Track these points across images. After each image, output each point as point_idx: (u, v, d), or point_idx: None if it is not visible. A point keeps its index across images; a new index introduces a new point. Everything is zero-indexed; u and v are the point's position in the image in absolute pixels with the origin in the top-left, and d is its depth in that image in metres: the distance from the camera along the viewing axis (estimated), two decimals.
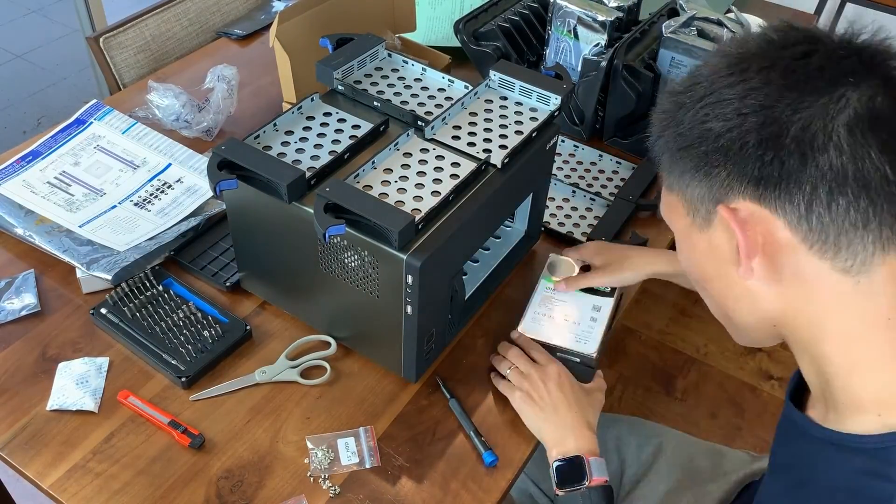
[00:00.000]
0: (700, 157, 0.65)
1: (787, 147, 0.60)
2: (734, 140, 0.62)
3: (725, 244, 0.67)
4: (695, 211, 0.68)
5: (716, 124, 0.63)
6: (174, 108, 1.37)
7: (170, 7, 1.71)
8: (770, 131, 0.60)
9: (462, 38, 1.46)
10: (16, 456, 0.92)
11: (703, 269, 0.72)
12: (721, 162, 0.63)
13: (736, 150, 0.62)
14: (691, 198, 0.68)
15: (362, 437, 0.96)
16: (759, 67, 0.63)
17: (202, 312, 1.07)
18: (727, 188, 0.64)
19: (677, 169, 0.68)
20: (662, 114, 0.70)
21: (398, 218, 0.85)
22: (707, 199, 0.66)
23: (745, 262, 0.65)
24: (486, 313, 1.13)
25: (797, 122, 0.59)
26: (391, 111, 1.04)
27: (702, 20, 1.40)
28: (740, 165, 0.62)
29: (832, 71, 0.61)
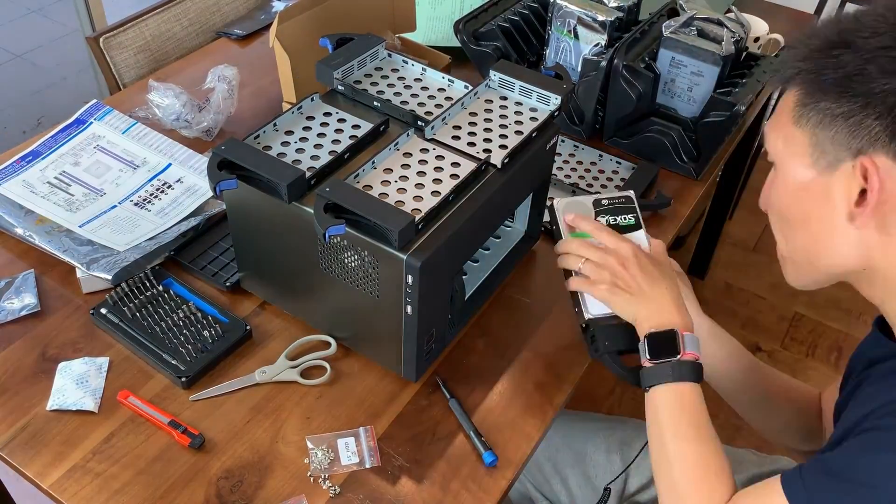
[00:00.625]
0: (858, 105, 0.67)
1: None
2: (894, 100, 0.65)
3: (842, 192, 0.70)
4: (821, 153, 0.71)
5: (888, 81, 0.66)
6: (174, 108, 1.37)
7: (170, 7, 1.71)
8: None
9: (462, 38, 1.46)
10: (16, 456, 0.92)
11: (804, 211, 0.75)
12: (882, 115, 0.66)
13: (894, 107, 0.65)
14: (824, 139, 0.70)
15: (362, 437, 0.96)
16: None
17: (202, 312, 1.07)
18: (873, 141, 0.67)
19: (818, 108, 0.70)
20: (820, 43, 0.71)
21: (398, 218, 0.85)
22: (845, 146, 0.69)
23: (868, 213, 0.69)
24: (486, 313, 1.13)
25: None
26: (391, 111, 1.04)
27: (702, 20, 1.40)
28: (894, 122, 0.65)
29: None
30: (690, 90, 1.39)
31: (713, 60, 1.33)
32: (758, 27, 1.65)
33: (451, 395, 1.00)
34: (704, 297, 2.34)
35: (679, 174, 1.39)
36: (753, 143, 2.13)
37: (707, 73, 1.35)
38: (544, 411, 1.01)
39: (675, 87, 1.40)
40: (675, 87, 1.40)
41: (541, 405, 1.01)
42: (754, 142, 2.10)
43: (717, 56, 1.33)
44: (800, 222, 0.76)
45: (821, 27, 0.73)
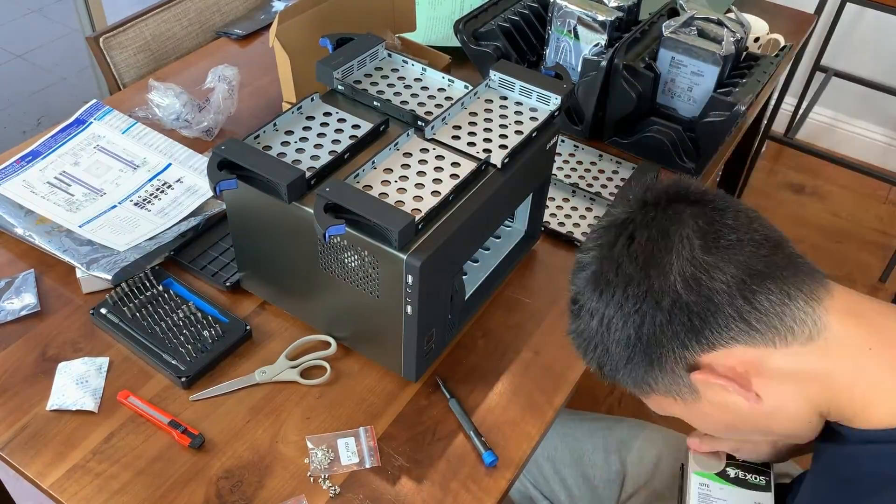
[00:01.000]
0: (642, 360, 0.72)
1: (692, 300, 0.68)
2: (653, 329, 0.69)
3: (721, 395, 0.72)
4: (678, 393, 0.74)
5: (627, 331, 0.71)
6: (174, 108, 1.37)
7: (170, 7, 1.71)
8: (667, 301, 0.68)
9: (462, 38, 1.46)
10: (16, 456, 0.92)
11: (726, 424, 0.76)
12: (659, 349, 0.70)
13: (659, 334, 0.69)
14: (666, 388, 0.73)
15: (362, 437, 0.96)
16: (615, 272, 0.71)
17: (202, 312, 1.07)
18: (681, 361, 0.70)
19: (636, 379, 0.74)
20: (587, 355, 0.77)
21: (398, 218, 0.85)
22: (677, 381, 0.72)
23: (748, 395, 0.70)
24: (486, 313, 1.13)
25: (678, 284, 0.68)
26: (391, 111, 1.04)
27: (702, 20, 1.40)
28: (675, 340, 0.69)
29: (655, 241, 0.70)
30: (690, 90, 1.39)
31: (713, 60, 1.33)
32: (758, 27, 1.65)
33: (451, 394, 1.00)
34: None
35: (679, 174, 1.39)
36: (753, 143, 2.13)
37: (707, 73, 1.35)
38: (544, 411, 1.01)
39: (675, 87, 1.40)
40: (675, 87, 1.40)
41: (541, 405, 1.01)
42: (754, 142, 2.10)
43: (717, 56, 1.33)
44: (732, 428, 0.78)
45: (573, 340, 0.79)
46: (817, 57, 2.61)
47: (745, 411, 0.72)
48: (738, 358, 0.69)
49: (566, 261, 1.22)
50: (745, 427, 0.76)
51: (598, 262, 0.72)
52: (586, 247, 0.75)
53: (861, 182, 2.72)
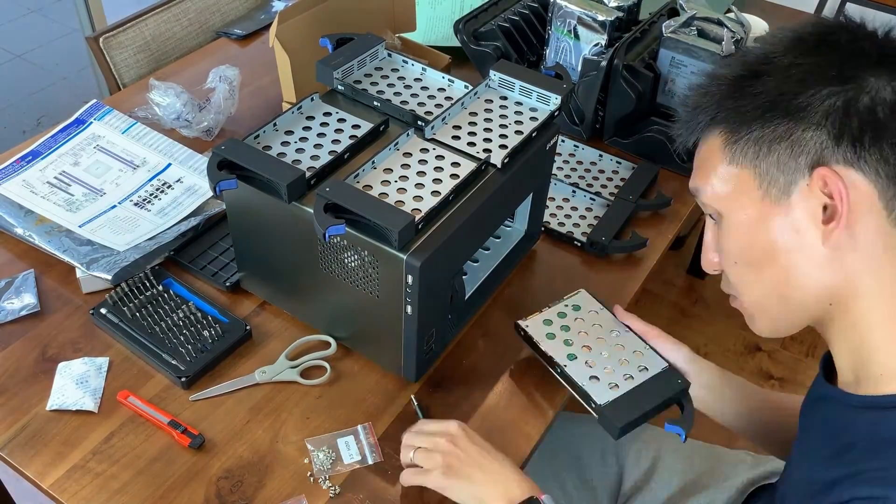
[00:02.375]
0: (792, 122, 0.66)
1: (884, 111, 0.64)
2: (836, 104, 0.65)
3: (806, 214, 0.68)
4: (770, 182, 0.69)
5: (815, 90, 0.66)
6: (175, 107, 1.37)
7: (170, 7, 1.71)
8: (869, 98, 0.64)
9: (462, 37, 1.46)
10: (16, 456, 0.91)
11: (768, 247, 0.71)
12: (819, 124, 0.65)
13: (838, 112, 0.64)
14: (769, 166, 0.68)
15: (361, 435, 0.96)
16: (845, 42, 0.68)
17: (202, 312, 1.06)
18: (821, 151, 0.65)
19: (751, 138, 0.69)
20: (728, 84, 0.71)
21: (398, 218, 0.85)
22: (793, 166, 0.67)
23: (839, 228, 0.66)
24: (486, 313, 1.13)
25: (887, 92, 0.64)
26: (391, 111, 1.04)
27: (702, 20, 1.40)
28: (840, 127, 0.64)
29: (888, 56, 0.67)
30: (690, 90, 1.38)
31: (713, 60, 1.33)
32: (758, 27, 1.65)
33: (423, 415, 0.98)
34: (704, 297, 2.34)
35: (679, 174, 1.39)
36: None
37: None
38: (544, 412, 1.01)
39: (675, 86, 1.40)
40: (675, 87, 1.40)
41: (541, 405, 1.01)
42: None
43: (717, 56, 1.33)
44: (765, 260, 0.72)
45: (721, 72, 0.73)
46: None
47: (802, 250, 0.69)
48: (859, 193, 0.65)
49: (566, 261, 1.22)
50: (775, 265, 0.72)
51: (836, 26, 0.69)
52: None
53: None
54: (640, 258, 1.24)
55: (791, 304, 0.74)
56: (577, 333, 1.01)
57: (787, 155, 0.67)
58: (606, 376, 0.95)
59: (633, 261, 1.23)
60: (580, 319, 1.03)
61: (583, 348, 0.99)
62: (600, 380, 0.95)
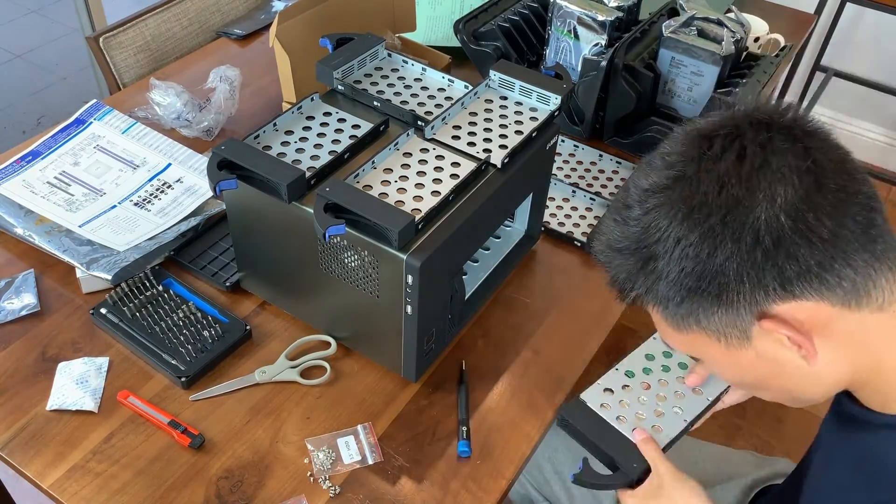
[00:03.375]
0: (714, 291, 0.64)
1: (793, 240, 0.61)
2: (741, 265, 0.62)
3: (774, 348, 0.67)
4: (725, 336, 0.68)
5: (712, 257, 0.63)
6: (175, 107, 1.37)
7: (170, 7, 1.71)
8: (771, 238, 0.61)
9: (462, 37, 1.46)
10: (16, 456, 0.91)
11: (757, 377, 0.73)
12: (738, 280, 0.63)
13: (747, 270, 0.62)
14: (717, 328, 0.67)
15: (361, 435, 0.96)
16: (702, 179, 0.63)
17: (202, 312, 1.06)
18: (755, 303, 0.64)
19: (683, 312, 0.67)
20: (628, 271, 0.68)
21: (398, 218, 0.85)
22: (738, 321, 0.66)
23: (808, 353, 0.66)
24: (486, 313, 1.13)
25: (783, 217, 0.61)
26: (391, 111, 1.04)
27: (702, 20, 1.40)
28: (758, 280, 0.63)
29: (766, 165, 0.62)
30: (690, 90, 1.39)
31: (713, 60, 1.33)
32: (758, 27, 1.65)
33: (463, 381, 1.00)
34: None
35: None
36: None
37: (707, 73, 1.35)
38: (544, 411, 1.01)
39: (675, 87, 1.40)
40: (675, 87, 1.40)
41: (541, 405, 1.01)
42: None
43: (717, 56, 1.33)
44: (763, 382, 0.74)
45: (614, 238, 0.69)
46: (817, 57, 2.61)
47: (789, 369, 0.68)
48: (809, 313, 0.64)
49: (566, 261, 1.22)
50: (774, 384, 0.73)
51: (695, 176, 0.63)
52: (670, 151, 0.66)
53: None
54: None
55: (807, 399, 0.74)
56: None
57: (728, 314, 0.65)
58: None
59: None
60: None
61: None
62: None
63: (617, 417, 0.91)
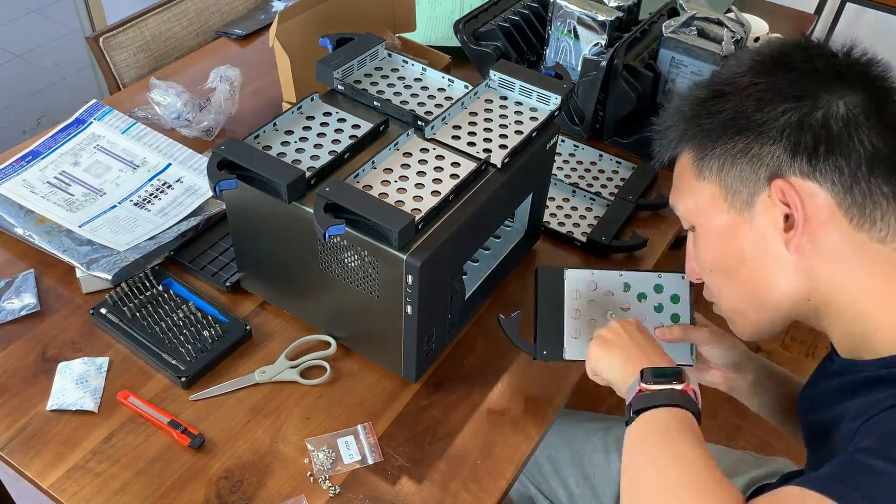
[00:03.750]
0: (751, 138, 0.71)
1: (837, 124, 0.68)
2: (791, 119, 0.69)
3: (769, 223, 0.72)
4: (734, 194, 0.73)
5: (771, 107, 0.70)
6: (175, 107, 1.37)
7: (170, 7, 1.71)
8: (822, 113, 0.69)
9: (462, 37, 1.46)
10: (16, 456, 0.91)
11: (737, 254, 0.76)
12: (775, 139, 0.70)
13: (793, 127, 0.69)
14: (732, 180, 0.73)
15: (361, 435, 0.96)
16: (800, 61, 0.72)
17: (202, 312, 1.06)
18: (778, 164, 0.70)
19: (715, 154, 0.73)
20: (693, 104, 0.76)
21: (398, 218, 0.85)
22: (753, 179, 0.71)
23: (800, 234, 0.70)
24: (486, 313, 1.13)
25: (839, 107, 0.69)
26: (391, 111, 1.04)
27: (702, 20, 1.40)
28: (796, 141, 0.69)
29: (847, 74, 0.71)
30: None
31: (713, 60, 1.33)
32: (758, 27, 1.65)
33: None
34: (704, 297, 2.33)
35: None
36: None
37: (707, 73, 1.35)
38: (544, 411, 1.01)
39: (675, 86, 1.40)
40: (675, 87, 1.40)
41: (541, 405, 1.01)
42: None
43: (717, 56, 1.33)
44: (737, 266, 0.77)
45: (687, 93, 0.78)
46: None
47: (767, 256, 0.73)
48: (817, 203, 0.69)
49: (566, 261, 1.22)
50: (745, 274, 0.76)
51: (793, 45, 0.74)
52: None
53: None
54: (640, 258, 1.24)
55: (767, 306, 0.77)
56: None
57: (748, 169, 0.72)
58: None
59: (633, 261, 1.23)
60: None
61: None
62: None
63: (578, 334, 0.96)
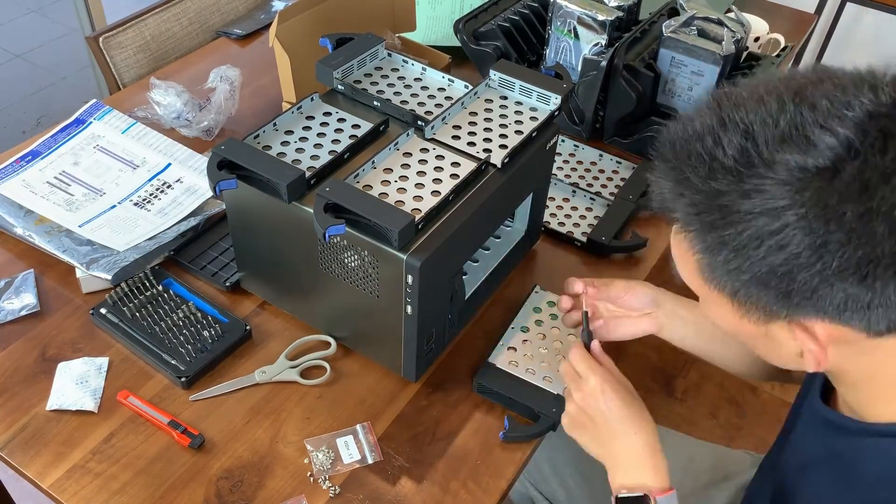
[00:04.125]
0: (779, 288, 0.58)
1: (873, 274, 0.55)
2: (829, 280, 0.56)
3: (785, 341, 0.64)
4: (747, 311, 0.63)
5: (803, 259, 0.55)
6: (175, 107, 1.37)
7: (169, 7, 1.71)
8: (857, 259, 0.54)
9: (462, 37, 1.46)
10: (16, 456, 0.91)
11: (747, 339, 0.69)
12: (801, 294, 0.57)
13: (827, 286, 0.56)
14: (747, 302, 0.62)
15: (360, 435, 0.96)
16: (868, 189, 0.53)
17: (202, 312, 1.06)
18: (803, 311, 0.59)
19: (735, 278, 0.60)
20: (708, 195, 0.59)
21: (398, 218, 0.85)
22: (770, 312, 0.61)
23: (819, 362, 0.63)
24: (486, 313, 1.13)
25: (875, 251, 0.54)
26: (391, 111, 1.04)
27: (702, 20, 1.40)
28: (828, 299, 0.57)
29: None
30: (690, 90, 1.39)
31: (713, 60, 1.33)
32: (758, 27, 1.65)
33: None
34: None
35: None
36: None
37: (707, 73, 1.35)
38: None
39: (675, 86, 1.40)
40: (675, 87, 1.40)
41: None
42: None
43: (718, 56, 1.32)
44: (750, 342, 0.70)
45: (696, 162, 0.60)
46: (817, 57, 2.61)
47: (774, 352, 0.66)
48: (840, 336, 0.60)
49: (566, 261, 1.22)
50: (760, 350, 0.70)
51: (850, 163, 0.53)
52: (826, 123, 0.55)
53: None
54: (640, 258, 1.24)
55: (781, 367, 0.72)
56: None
57: (773, 303, 0.60)
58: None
59: (633, 261, 1.23)
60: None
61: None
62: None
63: (526, 370, 1.00)
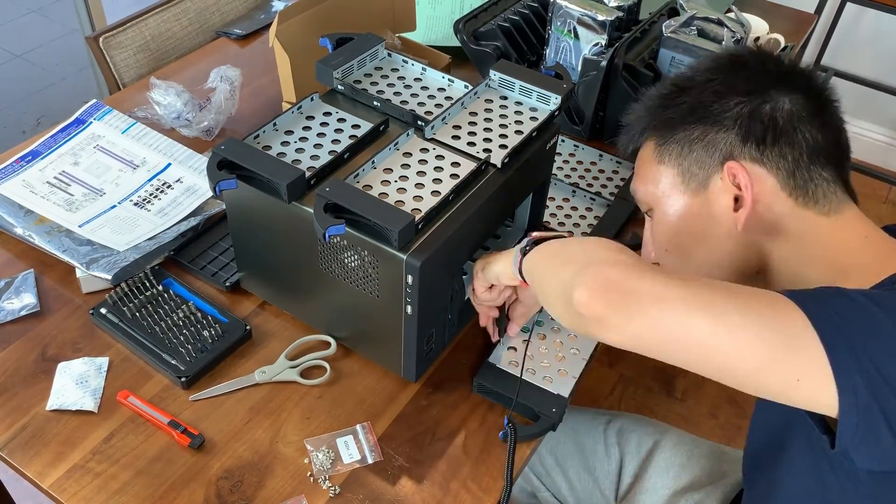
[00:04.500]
0: (706, 126, 0.80)
1: (783, 118, 0.78)
2: (743, 111, 0.78)
3: (721, 203, 0.80)
4: (690, 176, 0.81)
5: (727, 100, 0.79)
6: (175, 107, 1.37)
7: (169, 7, 1.71)
8: (771, 107, 0.78)
9: (462, 37, 1.46)
10: (16, 456, 0.91)
11: (693, 233, 0.83)
12: (728, 128, 0.79)
13: (745, 118, 0.78)
14: (689, 164, 0.81)
15: (360, 435, 0.96)
16: (753, 62, 0.82)
17: (202, 312, 1.06)
18: (731, 150, 0.79)
19: (675, 140, 0.82)
20: (657, 99, 0.85)
21: (398, 218, 0.85)
22: (708, 163, 0.80)
23: (748, 213, 0.78)
24: None
25: (786, 104, 0.78)
26: (391, 111, 1.04)
27: (702, 20, 1.40)
28: (747, 130, 0.78)
29: (793, 78, 0.81)
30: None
31: None
32: (758, 27, 1.65)
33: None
34: None
35: None
36: None
37: None
38: None
39: None
40: None
41: None
42: None
43: None
44: (691, 245, 0.84)
45: (653, 90, 0.87)
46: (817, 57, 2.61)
47: (721, 234, 0.80)
48: (763, 185, 0.78)
49: None
50: (703, 251, 0.83)
51: (747, 50, 0.86)
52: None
53: (861, 182, 2.72)
54: None
55: (721, 277, 0.83)
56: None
57: (704, 153, 0.80)
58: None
59: None
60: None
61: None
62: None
63: (526, 370, 1.01)
